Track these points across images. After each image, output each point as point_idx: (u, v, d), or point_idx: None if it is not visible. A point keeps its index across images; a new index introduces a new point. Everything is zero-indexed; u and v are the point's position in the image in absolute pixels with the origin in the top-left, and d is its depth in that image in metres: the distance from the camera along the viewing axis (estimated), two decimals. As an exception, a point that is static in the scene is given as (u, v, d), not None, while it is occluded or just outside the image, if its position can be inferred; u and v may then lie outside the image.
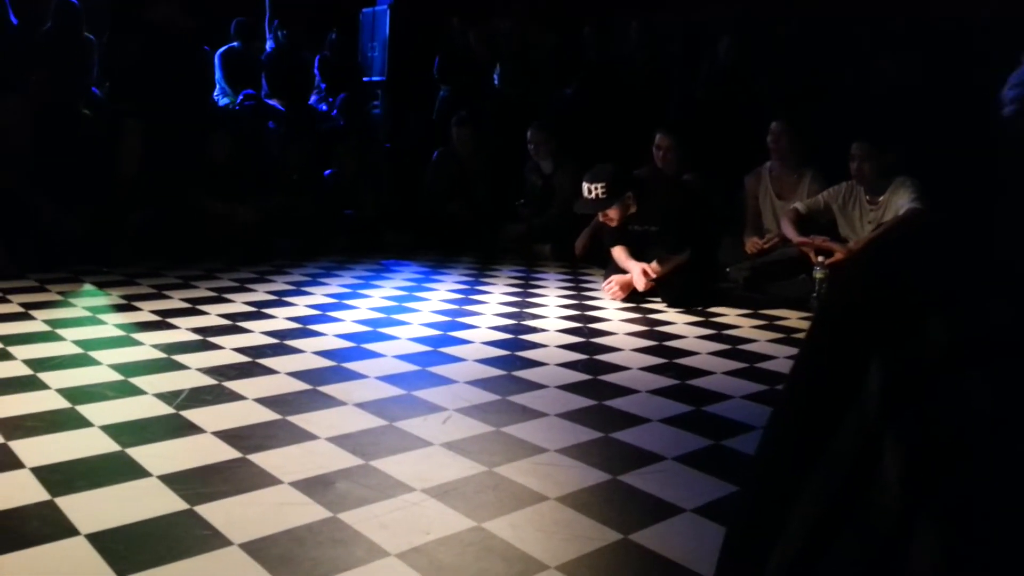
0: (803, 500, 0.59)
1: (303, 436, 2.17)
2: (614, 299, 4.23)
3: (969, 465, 0.51)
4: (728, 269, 4.52)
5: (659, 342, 3.44)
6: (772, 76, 5.73)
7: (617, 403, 2.60)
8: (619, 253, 4.33)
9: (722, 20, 6.28)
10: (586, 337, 3.46)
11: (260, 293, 4.07)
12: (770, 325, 3.86)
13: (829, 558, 0.57)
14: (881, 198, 4.30)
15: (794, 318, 4.02)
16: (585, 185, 4.19)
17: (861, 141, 4.32)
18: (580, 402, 2.59)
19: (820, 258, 4.20)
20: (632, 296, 4.21)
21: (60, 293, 3.84)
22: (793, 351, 3.38)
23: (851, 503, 0.56)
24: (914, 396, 0.53)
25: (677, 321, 3.84)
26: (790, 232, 4.46)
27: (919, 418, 0.53)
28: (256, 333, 3.26)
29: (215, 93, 6.65)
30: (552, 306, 4.09)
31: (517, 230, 5.79)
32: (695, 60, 6.34)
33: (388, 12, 7.93)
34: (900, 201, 4.20)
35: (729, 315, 4.00)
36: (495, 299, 4.22)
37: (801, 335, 3.71)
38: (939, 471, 0.52)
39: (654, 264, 4.15)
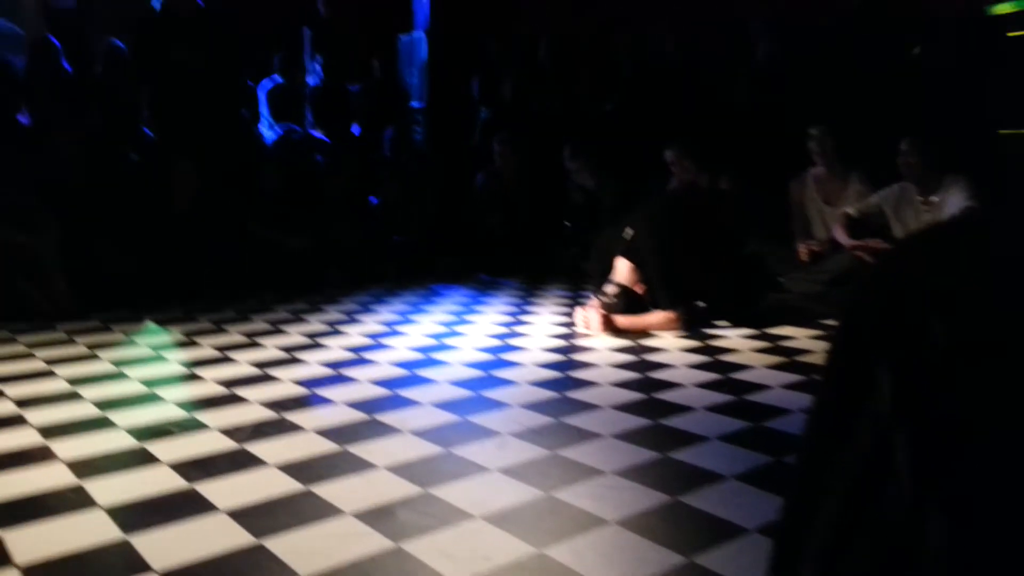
0: (827, 498, 0.62)
1: (363, 466, 2.21)
2: (592, 331, 3.80)
3: (973, 456, 0.54)
4: (781, 279, 4.45)
5: (713, 357, 3.40)
6: (812, 75, 5.65)
7: (673, 421, 2.58)
8: (623, 267, 3.97)
9: (758, 16, 6.21)
10: (638, 355, 3.45)
11: (314, 324, 4.15)
12: (827, 335, 3.79)
13: (852, 551, 0.59)
14: (935, 198, 4.21)
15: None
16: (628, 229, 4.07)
17: (910, 138, 4.25)
18: (635, 422, 2.58)
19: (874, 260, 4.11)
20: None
21: (123, 332, 3.96)
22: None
23: (869, 497, 0.59)
24: (921, 394, 0.55)
25: (731, 335, 3.79)
26: (843, 237, 4.40)
27: (926, 415, 0.55)
28: (313, 364, 3.32)
29: (261, 126, 6.82)
30: (602, 324, 4.06)
31: (569, 255, 5.73)
32: (732, 63, 6.28)
33: (425, 38, 8.04)
34: (954, 200, 4.10)
35: (784, 327, 3.94)
36: (545, 320, 4.23)
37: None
38: (946, 463, 0.54)
39: (624, 319, 3.81)
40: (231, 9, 7.11)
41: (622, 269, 3.93)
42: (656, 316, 3.88)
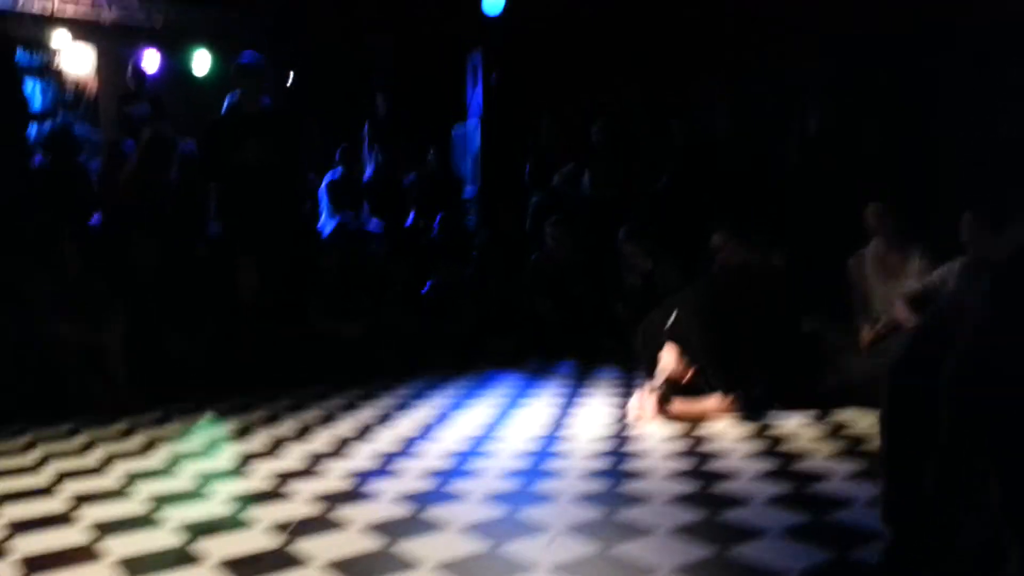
0: None
1: (410, 564, 2.16)
2: (646, 419, 3.69)
3: None
4: (842, 361, 4.30)
5: (771, 445, 3.28)
6: (871, 141, 5.56)
7: (731, 515, 2.48)
8: (670, 353, 3.87)
9: (815, 77, 6.17)
10: (693, 445, 3.35)
11: (366, 413, 4.15)
12: (892, 417, 3.63)
13: None
14: (1001, 273, 4.05)
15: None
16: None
17: (974, 211, 4.12)
18: (691, 515, 2.48)
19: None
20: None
21: (181, 424, 4.03)
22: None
23: None
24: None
25: (789, 421, 3.66)
26: (905, 315, 4.24)
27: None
28: (362, 457, 3.30)
29: (324, 217, 7.04)
30: (656, 410, 3.97)
31: (622, 338, 5.63)
32: (785, 129, 6.24)
33: (479, 126, 8.27)
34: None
35: (846, 412, 3.78)
36: (597, 405, 4.16)
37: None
38: None
39: (678, 405, 3.72)
40: (294, 107, 7.48)
41: (668, 354, 3.86)
42: (711, 401, 3.78)
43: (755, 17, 7.09)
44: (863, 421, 3.60)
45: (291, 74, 8.90)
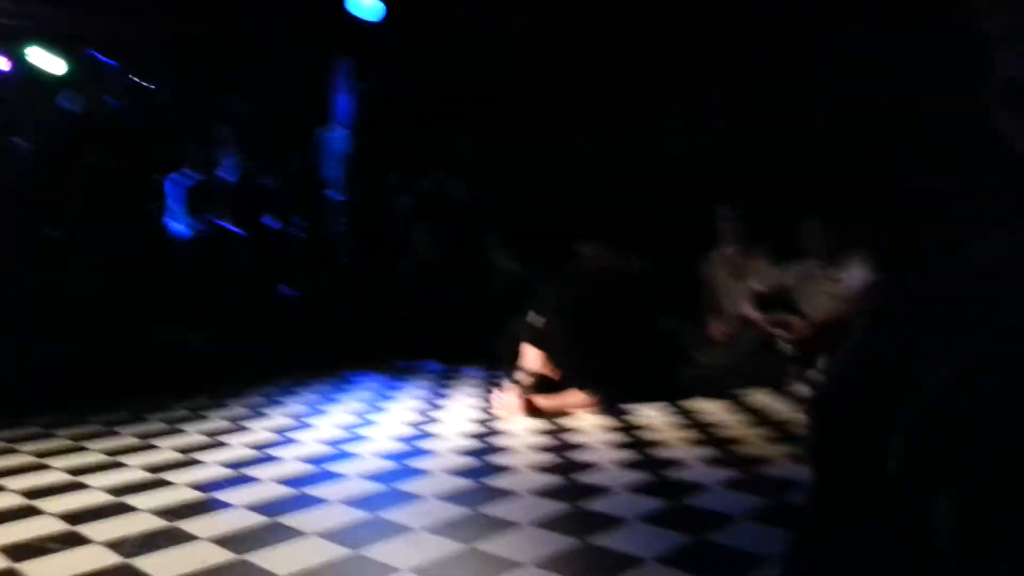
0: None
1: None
2: (510, 414, 3.75)
3: None
4: (694, 354, 4.49)
5: (631, 436, 3.35)
6: (719, 157, 5.88)
7: (594, 505, 2.50)
8: (531, 354, 3.92)
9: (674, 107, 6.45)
10: (556, 437, 3.37)
11: (216, 420, 3.93)
12: (741, 407, 3.82)
13: None
14: (838, 273, 4.35)
15: (763, 396, 3.99)
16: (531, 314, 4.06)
17: (813, 216, 4.41)
18: (555, 507, 2.49)
19: (784, 333, 4.20)
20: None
21: (5, 440, 3.66)
22: (766, 432, 3.32)
23: None
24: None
25: (648, 412, 3.77)
26: (750, 312, 4.49)
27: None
28: (212, 465, 3.11)
29: (176, 223, 6.64)
30: (520, 408, 3.99)
31: (486, 339, 5.66)
32: (641, 153, 6.52)
33: (344, 132, 8.09)
34: (854, 274, 4.25)
35: (699, 401, 3.94)
36: (461, 404, 4.12)
37: (771, 414, 3.66)
38: None
39: (543, 400, 3.77)
40: (141, 105, 7.02)
41: (531, 355, 3.90)
42: (574, 396, 3.83)
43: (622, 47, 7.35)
44: (712, 409, 3.77)
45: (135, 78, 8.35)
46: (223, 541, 2.28)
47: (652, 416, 3.69)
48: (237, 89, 7.65)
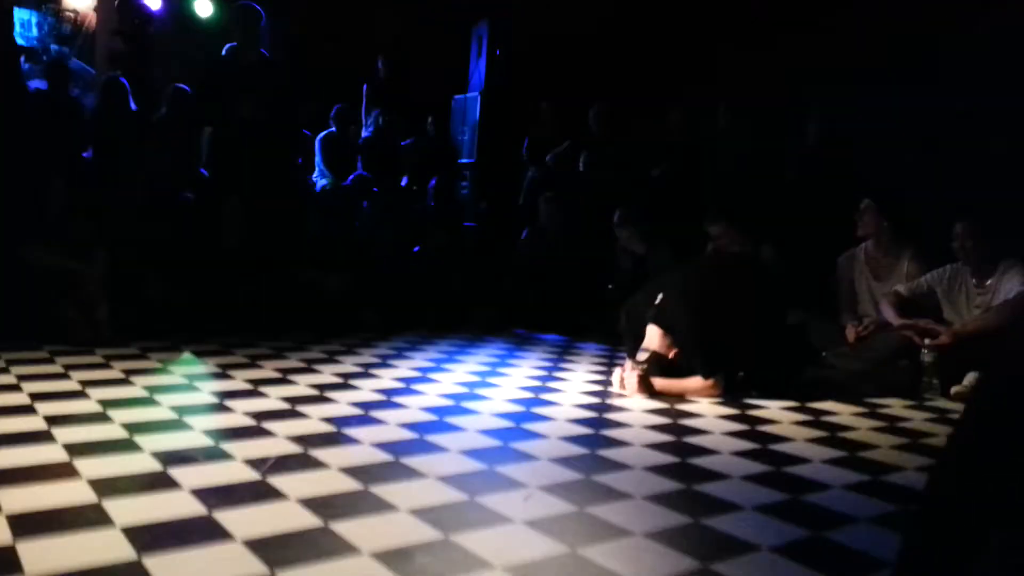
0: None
1: (384, 507, 2.15)
2: (628, 392, 3.74)
3: None
4: (825, 354, 4.34)
5: (751, 426, 3.29)
6: (868, 150, 5.61)
7: (707, 488, 2.48)
8: (653, 334, 3.86)
9: (813, 98, 6.22)
10: (673, 419, 3.35)
11: (347, 365, 4.14)
12: (872, 413, 3.66)
13: None
14: (989, 281, 4.09)
15: (898, 406, 3.81)
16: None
17: (965, 220, 4.16)
18: (667, 485, 2.48)
19: (926, 341, 3.99)
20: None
21: (160, 360, 3.99)
22: (897, 440, 3.18)
23: None
24: None
25: (770, 406, 3.68)
26: (891, 316, 4.28)
27: None
28: (342, 404, 3.29)
29: (314, 174, 6.97)
30: (638, 386, 3.98)
31: (609, 316, 5.65)
32: (782, 138, 6.29)
33: (479, 98, 8.22)
34: (1009, 285, 3.98)
35: (827, 402, 3.81)
36: (579, 377, 4.16)
37: (905, 423, 3.49)
38: None
39: (661, 382, 3.76)
40: (292, 60, 7.37)
41: (652, 335, 3.86)
42: (694, 381, 3.78)
43: (761, 20, 7.10)
44: (843, 412, 3.63)
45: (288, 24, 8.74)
46: (350, 471, 2.42)
47: (774, 410, 3.60)
48: (380, 50, 7.88)
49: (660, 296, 3.92)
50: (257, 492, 2.21)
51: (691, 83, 7.36)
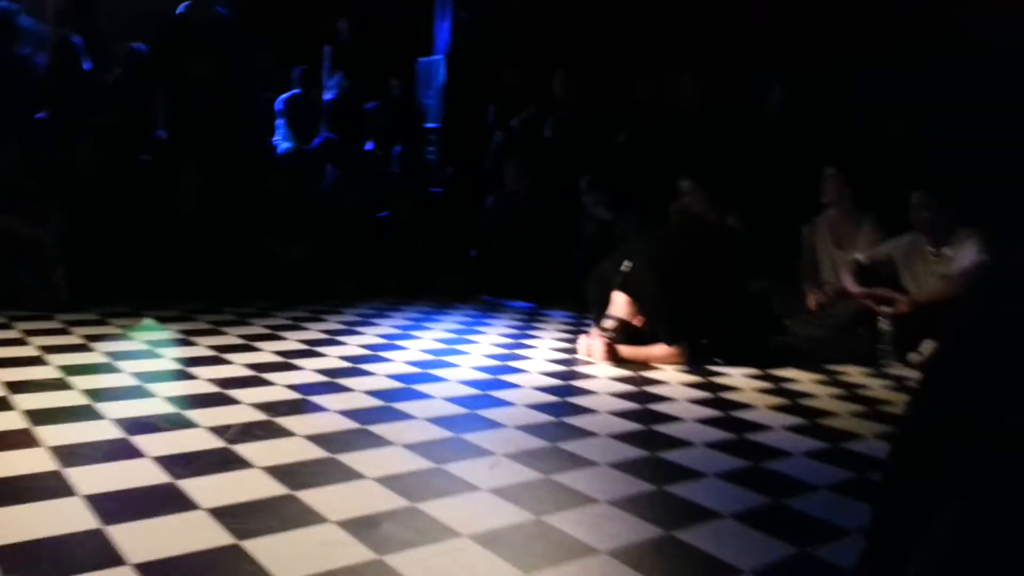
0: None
1: (351, 475, 2.15)
2: (594, 359, 3.78)
3: None
4: (787, 322, 4.40)
5: (715, 394, 3.34)
6: (827, 120, 5.66)
7: (671, 455, 2.52)
8: (620, 301, 3.88)
9: (777, 70, 6.25)
10: (639, 386, 3.39)
11: (313, 332, 4.11)
12: (832, 380, 3.74)
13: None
14: (946, 250, 4.17)
15: (857, 374, 3.89)
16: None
17: (922, 190, 4.22)
18: (632, 452, 2.52)
19: (884, 309, 4.07)
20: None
21: (121, 327, 3.92)
22: (856, 408, 3.26)
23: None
24: None
25: (733, 373, 3.74)
26: (850, 283, 4.35)
27: None
28: (307, 371, 3.27)
29: (275, 137, 6.83)
30: (603, 353, 4.02)
31: (575, 283, 5.68)
32: (748, 108, 6.32)
33: (444, 61, 8.11)
34: (966, 254, 4.07)
35: (789, 370, 3.88)
36: (546, 344, 4.18)
37: (864, 390, 3.57)
38: None
39: (627, 349, 3.80)
40: (250, 20, 7.18)
41: (619, 302, 3.88)
42: (659, 349, 3.83)
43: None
44: (804, 379, 3.70)
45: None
46: (316, 439, 2.41)
47: (737, 378, 3.66)
48: (342, 11, 7.72)
49: (627, 263, 3.94)
50: (222, 460, 2.19)
51: (658, 49, 7.33)
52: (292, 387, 2.99)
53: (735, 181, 5.55)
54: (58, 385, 2.81)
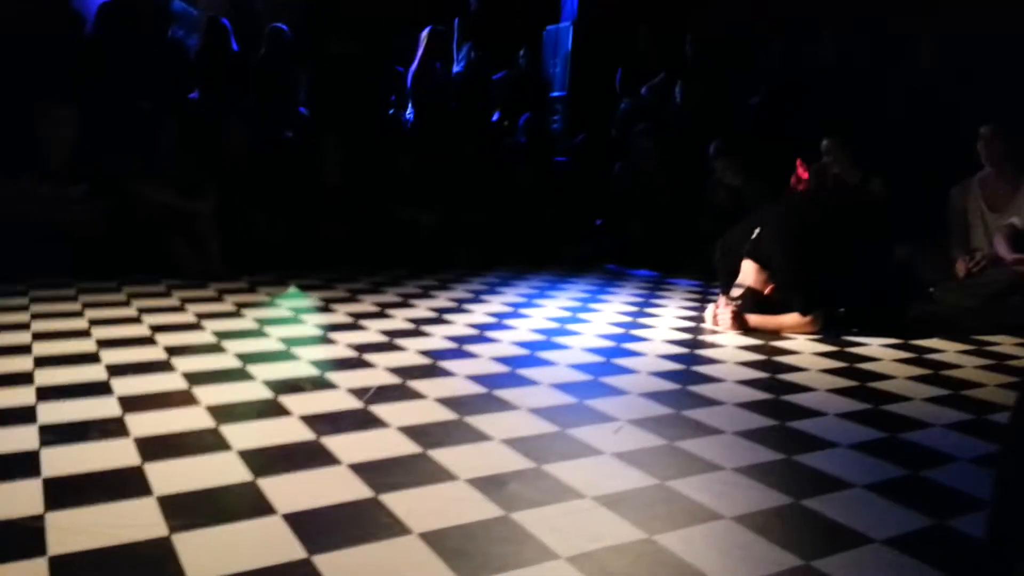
0: None
1: (478, 437, 2.24)
2: (721, 328, 3.72)
3: None
4: (932, 289, 4.16)
5: (849, 364, 3.23)
6: (981, 79, 5.26)
7: (801, 425, 2.47)
8: (748, 269, 3.79)
9: (919, 34, 5.85)
10: (767, 355, 3.32)
11: (441, 300, 4.25)
12: (979, 351, 3.52)
13: None
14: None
15: (1008, 344, 3.64)
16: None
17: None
18: (760, 421, 2.48)
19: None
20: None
21: (268, 294, 4.20)
22: (1004, 379, 3.06)
23: None
24: None
25: (871, 343, 3.59)
26: (1004, 250, 4.06)
27: None
28: (437, 337, 3.40)
29: (407, 111, 7.04)
30: (731, 322, 3.95)
31: (704, 251, 5.59)
32: (885, 71, 5.95)
33: (571, 28, 8.06)
34: None
35: (932, 339, 3.68)
36: (671, 312, 4.15)
37: (1014, 361, 3.35)
38: None
39: (756, 318, 3.69)
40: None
41: (747, 270, 3.78)
42: (790, 318, 3.71)
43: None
44: (949, 350, 3.50)
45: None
46: (446, 402, 2.52)
47: (875, 347, 3.51)
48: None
49: (757, 230, 3.83)
50: (360, 420, 2.33)
51: (792, 9, 6.99)
52: (423, 352, 3.12)
53: (880, 141, 5.27)
54: (213, 349, 3.05)
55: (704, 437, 2.32)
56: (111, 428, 2.18)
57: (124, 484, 1.83)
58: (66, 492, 1.77)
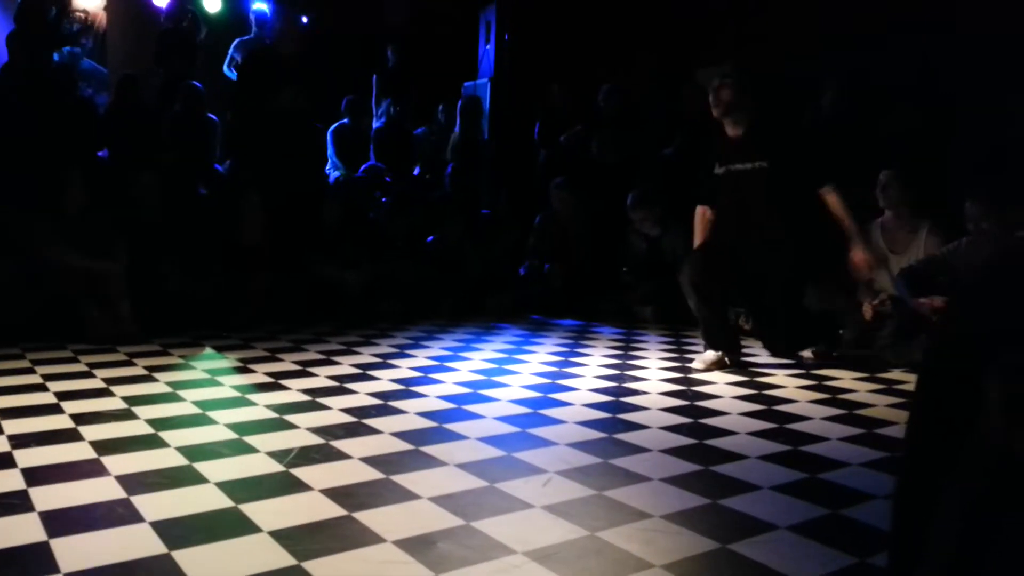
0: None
1: (406, 496, 2.19)
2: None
3: None
4: (841, 331, 4.33)
5: (767, 406, 3.31)
6: (881, 122, 5.56)
7: (725, 469, 2.50)
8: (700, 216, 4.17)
9: (828, 69, 6.16)
10: (690, 400, 3.37)
11: (366, 356, 4.18)
12: (888, 389, 3.67)
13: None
14: (1006, 254, 4.05)
15: (914, 381, 3.80)
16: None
17: (977, 197, 4.12)
18: (685, 467, 2.51)
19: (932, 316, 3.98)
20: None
21: (181, 356, 4.06)
22: (895, 401, 3.19)
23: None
24: None
25: (787, 385, 3.69)
26: (903, 292, 4.26)
27: None
28: (362, 394, 3.34)
29: (327, 167, 7.00)
30: (653, 368, 4.02)
31: (624, 300, 5.71)
32: (798, 110, 6.23)
33: (488, 84, 8.21)
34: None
35: (844, 378, 3.82)
36: (595, 361, 4.18)
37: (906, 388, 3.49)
38: None
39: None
40: (323, 53, 7.37)
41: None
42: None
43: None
44: (859, 388, 3.65)
45: (304, 19, 8.75)
46: (371, 460, 2.46)
47: (792, 389, 3.62)
48: (389, 39, 7.87)
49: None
50: (282, 484, 2.25)
51: (703, 57, 7.31)
52: (347, 411, 3.06)
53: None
54: (123, 416, 2.92)
55: (632, 485, 2.33)
56: (14, 503, 2.05)
57: (29, 562, 1.71)
58: (-42, 578, 1.65)
